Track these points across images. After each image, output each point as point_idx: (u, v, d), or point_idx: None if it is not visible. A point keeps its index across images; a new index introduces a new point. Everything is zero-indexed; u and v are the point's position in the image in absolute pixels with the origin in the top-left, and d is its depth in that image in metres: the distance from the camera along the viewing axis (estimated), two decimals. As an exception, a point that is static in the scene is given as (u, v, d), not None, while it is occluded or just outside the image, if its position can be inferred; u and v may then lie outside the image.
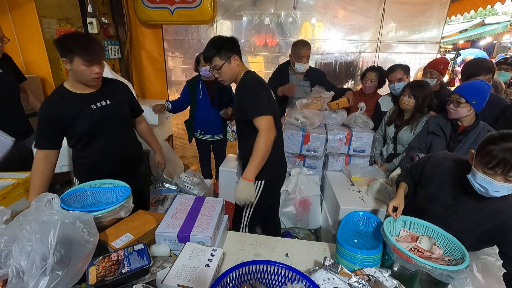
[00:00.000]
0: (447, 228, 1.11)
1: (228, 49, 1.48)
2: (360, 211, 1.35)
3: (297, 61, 2.53)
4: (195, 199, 1.36)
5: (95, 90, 1.50)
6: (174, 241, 1.13)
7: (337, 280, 0.94)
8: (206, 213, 1.25)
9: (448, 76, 8.48)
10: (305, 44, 2.52)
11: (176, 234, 1.12)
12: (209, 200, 1.35)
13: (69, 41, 1.35)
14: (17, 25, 2.77)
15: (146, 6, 3.00)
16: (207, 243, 1.11)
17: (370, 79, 2.49)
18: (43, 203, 1.07)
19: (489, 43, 10.74)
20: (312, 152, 2.31)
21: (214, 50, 1.47)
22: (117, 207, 1.15)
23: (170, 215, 1.23)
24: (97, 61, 1.39)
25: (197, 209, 1.28)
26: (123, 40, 3.20)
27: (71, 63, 1.36)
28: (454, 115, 1.70)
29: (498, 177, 0.96)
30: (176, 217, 1.22)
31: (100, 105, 1.50)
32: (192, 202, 1.34)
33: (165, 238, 1.14)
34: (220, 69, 1.50)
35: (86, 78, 1.41)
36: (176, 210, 1.27)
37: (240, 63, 1.56)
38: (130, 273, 0.97)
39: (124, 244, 1.10)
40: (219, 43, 1.49)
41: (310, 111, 2.37)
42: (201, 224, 1.18)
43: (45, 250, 0.83)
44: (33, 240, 0.85)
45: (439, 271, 0.90)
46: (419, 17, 3.24)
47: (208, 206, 1.30)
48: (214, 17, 3.12)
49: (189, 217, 1.22)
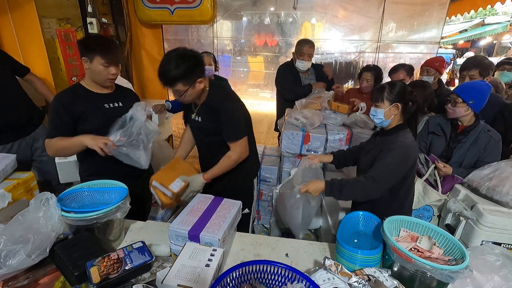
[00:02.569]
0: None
1: (193, 73, 1.34)
2: (360, 211, 1.35)
3: (298, 58, 2.55)
4: (213, 199, 1.34)
5: (109, 92, 1.56)
6: (185, 238, 1.12)
7: (337, 280, 0.94)
8: (221, 214, 1.24)
9: (448, 76, 8.49)
10: (308, 42, 2.54)
11: (187, 232, 1.11)
12: (226, 201, 1.34)
13: (92, 41, 1.44)
14: (17, 25, 2.77)
15: (146, 6, 3.00)
16: (216, 245, 1.09)
17: (366, 79, 2.53)
18: (41, 202, 1.07)
19: (489, 43, 10.76)
20: (312, 152, 2.31)
21: (177, 74, 1.30)
22: (113, 208, 1.15)
23: (186, 212, 1.22)
24: (115, 62, 1.46)
25: (213, 209, 1.27)
26: (123, 40, 3.20)
27: (91, 63, 1.42)
28: (452, 114, 1.72)
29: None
30: (191, 215, 1.21)
31: (113, 106, 1.54)
32: (210, 201, 1.32)
33: (177, 234, 1.13)
34: (184, 94, 1.37)
35: (102, 78, 1.47)
36: (193, 208, 1.26)
37: (204, 81, 1.42)
38: (134, 269, 0.98)
39: (179, 189, 1.44)
40: (184, 66, 1.30)
41: (310, 111, 2.37)
42: (213, 225, 1.16)
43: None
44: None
45: (439, 271, 0.90)
46: (418, 17, 3.25)
47: (224, 207, 1.29)
48: (214, 17, 3.12)
49: (203, 216, 1.21)
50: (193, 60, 1.34)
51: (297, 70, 2.67)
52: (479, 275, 1.03)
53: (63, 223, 1.11)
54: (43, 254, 1.02)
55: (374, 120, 1.44)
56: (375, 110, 1.42)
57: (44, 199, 1.09)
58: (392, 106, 1.37)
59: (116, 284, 0.95)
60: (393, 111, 1.38)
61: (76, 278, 0.96)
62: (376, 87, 1.45)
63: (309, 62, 2.59)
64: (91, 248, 1.05)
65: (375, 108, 1.42)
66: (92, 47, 1.41)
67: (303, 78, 2.70)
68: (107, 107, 1.52)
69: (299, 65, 2.58)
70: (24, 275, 1.00)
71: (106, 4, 2.94)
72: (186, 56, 1.31)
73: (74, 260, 1.00)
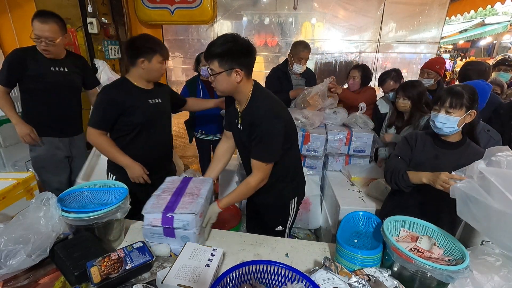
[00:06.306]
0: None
1: (234, 59, 1.19)
2: (360, 211, 1.35)
3: (296, 62, 2.55)
4: (182, 179, 1.38)
5: (151, 88, 1.63)
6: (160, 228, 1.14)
7: (337, 280, 0.94)
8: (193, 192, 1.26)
9: (448, 76, 8.49)
10: (306, 46, 2.53)
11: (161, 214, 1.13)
12: (195, 180, 1.38)
13: (149, 42, 1.51)
14: (17, 25, 2.77)
15: (146, 6, 3.00)
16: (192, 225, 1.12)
17: (352, 76, 2.58)
18: (41, 202, 1.07)
19: (489, 43, 10.76)
20: (312, 152, 2.31)
21: (217, 52, 1.19)
22: (113, 208, 1.15)
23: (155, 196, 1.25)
24: (168, 57, 1.59)
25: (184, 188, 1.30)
26: (123, 40, 3.20)
27: (150, 62, 1.50)
28: None
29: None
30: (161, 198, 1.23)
31: (155, 102, 1.63)
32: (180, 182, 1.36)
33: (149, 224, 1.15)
34: (215, 76, 1.23)
35: (158, 75, 1.58)
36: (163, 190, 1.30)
37: (245, 80, 1.25)
38: (135, 268, 0.98)
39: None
40: (228, 46, 1.18)
41: (310, 111, 2.37)
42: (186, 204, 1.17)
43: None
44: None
45: (439, 271, 0.90)
46: (418, 17, 3.25)
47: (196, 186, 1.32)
48: (214, 17, 3.12)
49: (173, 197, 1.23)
50: (241, 47, 1.20)
51: (288, 73, 2.66)
52: (479, 275, 1.03)
53: (63, 223, 1.12)
54: (43, 254, 1.02)
55: (443, 128, 1.29)
56: (447, 118, 1.27)
57: (45, 199, 1.09)
58: (468, 114, 1.27)
59: (117, 284, 0.95)
60: (467, 119, 1.28)
61: (76, 278, 0.96)
62: (451, 91, 1.27)
63: (305, 66, 2.61)
64: (91, 248, 1.05)
65: (447, 115, 1.27)
66: (151, 47, 1.50)
67: (296, 80, 2.70)
68: (150, 103, 1.60)
69: (296, 68, 2.57)
70: (24, 275, 1.00)
71: (106, 4, 2.93)
72: (236, 40, 1.20)
73: (74, 260, 1.00)
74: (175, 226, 1.13)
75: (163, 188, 1.32)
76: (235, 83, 1.23)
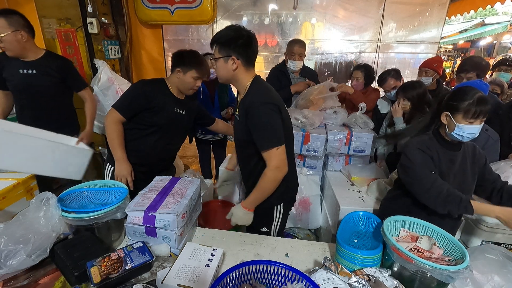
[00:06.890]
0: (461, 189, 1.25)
1: (231, 46, 1.23)
2: (360, 211, 1.35)
3: (289, 58, 2.54)
4: (170, 179, 1.37)
5: (182, 98, 1.73)
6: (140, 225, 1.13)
7: (337, 280, 0.94)
8: (178, 192, 1.24)
9: (448, 76, 8.49)
10: (298, 41, 2.52)
11: (143, 213, 1.11)
12: (183, 180, 1.36)
13: (190, 57, 1.62)
14: (17, 25, 2.76)
15: (146, 6, 3.00)
16: (173, 225, 1.10)
17: (356, 77, 2.57)
18: (41, 202, 1.07)
19: (489, 43, 10.74)
20: (312, 152, 2.31)
21: (217, 37, 1.26)
22: (113, 208, 1.15)
23: (141, 194, 1.23)
24: (203, 77, 1.67)
25: (170, 188, 1.29)
26: (123, 40, 3.20)
27: (184, 74, 1.61)
28: None
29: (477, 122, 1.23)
30: (145, 197, 1.21)
31: (180, 112, 1.71)
32: (167, 182, 1.35)
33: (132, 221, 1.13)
34: (216, 61, 1.29)
35: (187, 88, 1.66)
36: (150, 188, 1.29)
37: (242, 70, 1.29)
38: (135, 268, 0.98)
39: None
40: (229, 33, 1.24)
41: (310, 111, 2.37)
42: (169, 203, 1.15)
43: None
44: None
45: (439, 271, 0.90)
46: (418, 17, 3.25)
47: (182, 186, 1.30)
48: (214, 17, 3.12)
49: (158, 197, 1.21)
50: (241, 36, 1.24)
51: (287, 71, 2.65)
52: (479, 275, 1.03)
53: (63, 223, 1.12)
54: (43, 254, 1.02)
55: (468, 137, 1.25)
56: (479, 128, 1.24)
57: (45, 199, 1.09)
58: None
59: (117, 284, 0.95)
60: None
61: (76, 278, 0.96)
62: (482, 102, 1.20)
63: (300, 62, 2.57)
64: (91, 248, 1.05)
65: (479, 124, 1.23)
66: (189, 62, 1.60)
67: (295, 78, 2.69)
68: (175, 111, 1.68)
69: (290, 65, 2.57)
70: (24, 275, 1.00)
71: (106, 4, 2.93)
72: (238, 31, 1.25)
73: (74, 260, 1.00)
74: (157, 225, 1.11)
75: (150, 187, 1.30)
76: (231, 70, 1.28)
